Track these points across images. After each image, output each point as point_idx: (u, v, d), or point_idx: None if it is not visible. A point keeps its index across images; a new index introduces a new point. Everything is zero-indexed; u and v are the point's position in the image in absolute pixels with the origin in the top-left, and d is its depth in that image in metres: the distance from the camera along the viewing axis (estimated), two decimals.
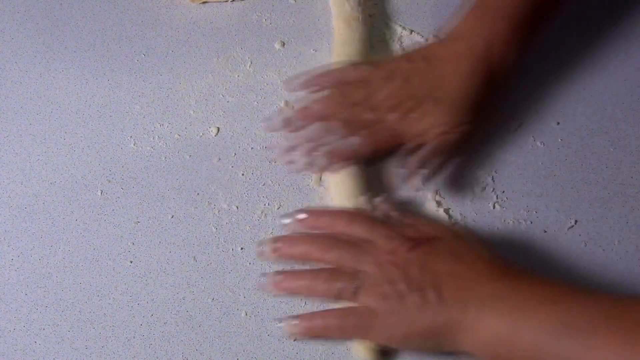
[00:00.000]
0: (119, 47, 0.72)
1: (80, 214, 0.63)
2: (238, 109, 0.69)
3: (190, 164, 0.66)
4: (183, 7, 0.74)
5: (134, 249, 0.62)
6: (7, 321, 0.59)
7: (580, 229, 0.63)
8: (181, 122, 0.68)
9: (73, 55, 0.72)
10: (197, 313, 0.59)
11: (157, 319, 0.59)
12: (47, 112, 0.68)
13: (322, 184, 0.65)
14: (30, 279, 0.61)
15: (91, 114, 0.68)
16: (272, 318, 0.59)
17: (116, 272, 0.61)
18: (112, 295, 0.60)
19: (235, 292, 0.60)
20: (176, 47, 0.72)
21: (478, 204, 0.64)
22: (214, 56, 0.72)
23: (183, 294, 0.60)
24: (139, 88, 0.70)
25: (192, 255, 0.62)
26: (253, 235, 0.62)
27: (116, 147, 0.67)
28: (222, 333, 0.59)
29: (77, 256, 0.62)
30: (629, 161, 0.66)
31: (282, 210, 0.63)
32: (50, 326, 0.59)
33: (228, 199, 0.64)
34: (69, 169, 0.65)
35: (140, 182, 0.65)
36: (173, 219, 0.63)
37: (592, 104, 0.69)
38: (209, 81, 0.70)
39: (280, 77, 0.70)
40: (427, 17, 0.74)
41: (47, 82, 0.70)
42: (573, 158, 0.66)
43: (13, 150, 0.67)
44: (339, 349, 0.58)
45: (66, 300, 0.60)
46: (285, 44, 0.72)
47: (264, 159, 0.66)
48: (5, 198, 0.64)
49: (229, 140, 0.67)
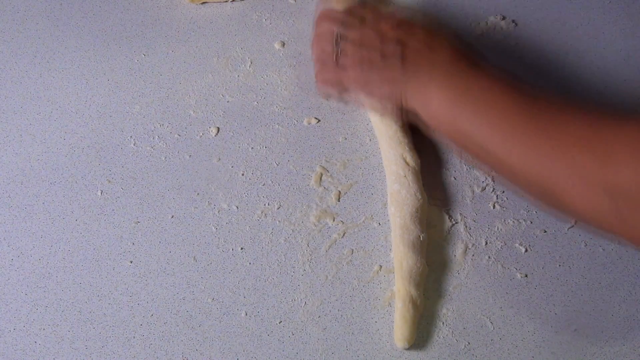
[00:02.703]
0: (119, 47, 0.72)
1: (80, 214, 0.63)
2: (238, 109, 0.69)
3: (190, 164, 0.66)
4: (183, 7, 0.74)
5: (134, 249, 0.62)
6: (7, 321, 0.59)
7: (580, 229, 0.63)
8: (181, 122, 0.68)
9: (73, 55, 0.72)
10: (197, 313, 0.59)
11: (157, 319, 0.59)
12: (47, 112, 0.68)
13: (322, 184, 0.65)
14: (30, 279, 0.61)
15: (91, 114, 0.68)
16: (272, 318, 0.59)
17: (116, 272, 0.61)
18: (112, 295, 0.60)
19: (235, 292, 0.60)
20: (176, 47, 0.72)
21: (478, 204, 0.64)
22: (214, 56, 0.72)
23: (183, 294, 0.60)
24: (139, 88, 0.70)
25: (192, 255, 0.62)
26: (253, 235, 0.63)
27: (116, 147, 0.67)
28: (222, 333, 0.59)
29: (77, 256, 0.62)
30: None
31: (282, 210, 0.64)
32: (50, 326, 0.59)
33: (228, 199, 0.64)
34: (69, 169, 0.66)
35: (140, 182, 0.65)
36: (173, 219, 0.63)
37: (592, 103, 0.69)
38: (209, 81, 0.70)
39: (280, 77, 0.70)
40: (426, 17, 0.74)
41: (47, 82, 0.70)
42: None
43: (13, 150, 0.67)
44: (339, 349, 0.58)
45: (66, 300, 0.60)
46: (285, 44, 0.72)
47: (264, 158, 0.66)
48: (5, 198, 0.64)
49: (229, 140, 0.67)
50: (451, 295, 0.61)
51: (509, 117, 0.55)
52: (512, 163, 0.54)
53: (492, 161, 0.56)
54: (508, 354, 0.58)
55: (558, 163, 0.51)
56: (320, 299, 0.60)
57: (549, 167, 0.52)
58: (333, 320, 0.59)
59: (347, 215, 0.64)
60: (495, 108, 0.56)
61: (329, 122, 0.68)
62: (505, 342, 0.59)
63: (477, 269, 0.62)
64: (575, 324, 0.60)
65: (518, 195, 0.64)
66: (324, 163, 0.66)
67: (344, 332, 0.59)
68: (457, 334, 0.59)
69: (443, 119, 0.58)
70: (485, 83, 0.58)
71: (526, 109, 0.55)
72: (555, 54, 0.72)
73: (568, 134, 0.51)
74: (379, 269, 0.62)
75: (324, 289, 0.61)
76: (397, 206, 0.62)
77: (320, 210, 0.64)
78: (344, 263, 0.62)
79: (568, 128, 0.52)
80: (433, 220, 0.63)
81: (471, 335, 0.59)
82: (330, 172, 0.66)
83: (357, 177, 0.66)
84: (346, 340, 0.59)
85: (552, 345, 0.59)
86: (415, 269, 0.60)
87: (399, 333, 0.58)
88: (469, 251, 0.62)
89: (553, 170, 0.51)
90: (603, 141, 0.49)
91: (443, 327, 0.59)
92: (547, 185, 0.52)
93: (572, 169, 0.50)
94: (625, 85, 0.70)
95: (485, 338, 0.59)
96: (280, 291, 0.60)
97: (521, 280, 0.61)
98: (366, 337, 0.59)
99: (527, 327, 0.60)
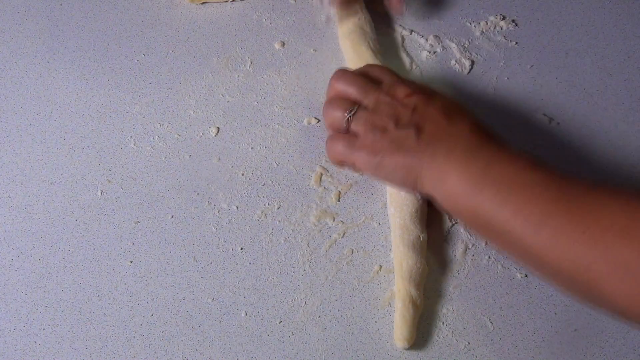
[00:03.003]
0: (119, 47, 0.72)
1: (80, 214, 0.63)
2: (238, 109, 0.69)
3: (190, 164, 0.66)
4: (183, 7, 0.74)
5: (134, 249, 0.62)
6: (7, 321, 0.59)
7: None
8: (181, 122, 0.68)
9: (73, 55, 0.72)
10: (197, 313, 0.59)
11: (157, 319, 0.59)
12: (47, 112, 0.68)
13: (322, 184, 0.65)
14: (30, 279, 0.61)
15: (91, 114, 0.68)
16: (272, 318, 0.59)
17: (116, 272, 0.61)
18: (112, 295, 0.60)
19: (235, 292, 0.60)
20: (176, 47, 0.72)
21: None
22: (214, 56, 0.72)
23: (183, 294, 0.60)
24: (139, 88, 0.70)
25: (192, 255, 0.62)
26: (253, 235, 0.63)
27: (116, 147, 0.67)
28: (222, 333, 0.59)
29: (77, 256, 0.62)
30: (629, 161, 0.66)
31: (282, 210, 0.64)
32: (50, 326, 0.59)
33: (228, 199, 0.64)
34: (69, 169, 0.66)
35: (140, 182, 0.65)
36: (173, 219, 0.63)
37: (592, 104, 0.69)
38: (209, 81, 0.70)
39: (280, 77, 0.70)
40: (427, 17, 0.74)
41: (47, 82, 0.70)
42: (573, 158, 0.66)
43: (13, 150, 0.67)
44: (339, 349, 0.58)
45: (66, 300, 0.60)
46: (285, 44, 0.72)
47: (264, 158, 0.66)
48: (5, 198, 0.64)
49: (229, 140, 0.67)
50: (451, 295, 0.61)
51: (535, 198, 0.50)
52: (539, 249, 0.50)
53: (516, 247, 0.52)
54: (508, 354, 0.58)
55: (592, 250, 0.47)
56: (320, 299, 0.60)
57: (581, 255, 0.47)
58: (333, 320, 0.59)
59: (347, 215, 0.64)
60: (519, 188, 0.51)
61: None
62: (505, 342, 0.59)
63: (477, 269, 0.62)
64: (575, 324, 0.60)
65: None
66: (324, 163, 0.66)
67: (344, 332, 0.59)
68: (457, 334, 0.59)
69: (461, 199, 0.54)
70: (506, 160, 0.54)
71: (553, 189, 0.50)
72: (556, 54, 0.72)
73: (601, 217, 0.47)
74: (379, 269, 0.62)
75: (324, 289, 0.61)
76: (397, 206, 0.62)
77: (320, 210, 0.64)
78: (344, 263, 0.62)
79: (601, 211, 0.48)
80: (433, 220, 0.63)
81: (471, 335, 0.59)
82: (330, 172, 0.66)
83: (357, 177, 0.66)
84: (346, 340, 0.59)
85: (552, 345, 0.59)
86: (415, 269, 0.60)
87: (399, 333, 0.58)
88: (469, 251, 0.62)
89: (586, 258, 0.47)
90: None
91: (443, 327, 0.59)
92: (581, 274, 0.48)
93: (608, 257, 0.46)
94: (625, 85, 0.70)
95: (485, 338, 0.59)
96: (280, 291, 0.60)
97: (521, 280, 0.61)
98: (366, 337, 0.59)
99: (527, 327, 0.60)
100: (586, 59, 0.72)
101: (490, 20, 0.73)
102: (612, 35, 0.73)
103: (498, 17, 0.74)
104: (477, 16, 0.74)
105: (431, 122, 0.57)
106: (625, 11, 0.74)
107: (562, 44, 0.72)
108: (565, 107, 0.69)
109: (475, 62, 0.71)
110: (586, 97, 0.69)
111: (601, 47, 0.72)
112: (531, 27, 0.73)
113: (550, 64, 0.71)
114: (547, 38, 0.73)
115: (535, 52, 0.72)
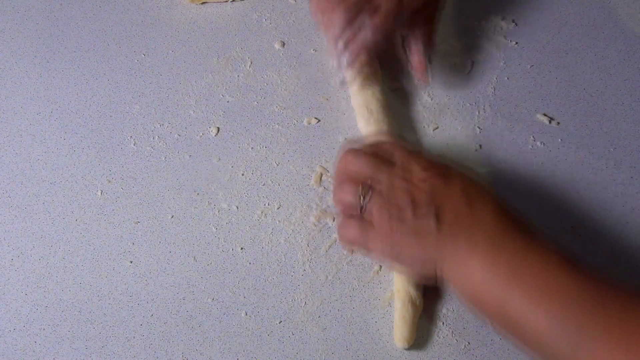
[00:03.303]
0: (119, 47, 0.72)
1: (80, 214, 0.63)
2: (238, 109, 0.69)
3: (190, 164, 0.66)
4: (183, 7, 0.74)
5: (134, 249, 0.62)
6: (7, 321, 0.59)
7: (580, 229, 0.63)
8: (181, 122, 0.68)
9: (73, 55, 0.72)
10: (197, 313, 0.59)
11: (157, 319, 0.59)
12: (47, 112, 0.68)
13: (322, 184, 0.65)
14: (30, 279, 0.61)
15: (91, 114, 0.68)
16: (272, 318, 0.59)
17: (116, 272, 0.61)
18: (112, 295, 0.60)
19: (235, 292, 0.60)
20: (176, 47, 0.72)
21: None
22: (214, 56, 0.72)
23: (183, 294, 0.60)
24: (139, 88, 0.70)
25: (192, 255, 0.62)
26: (253, 235, 0.63)
27: (116, 147, 0.67)
28: (222, 333, 0.59)
29: (77, 256, 0.62)
30: (629, 161, 0.66)
31: (282, 210, 0.64)
32: (50, 326, 0.59)
33: (228, 199, 0.64)
34: (69, 169, 0.66)
35: (140, 182, 0.65)
36: (173, 219, 0.63)
37: (592, 104, 0.69)
38: (209, 81, 0.70)
39: (280, 77, 0.70)
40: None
41: (47, 82, 0.70)
42: (573, 158, 0.66)
43: (13, 150, 0.67)
44: (339, 349, 0.58)
45: (66, 300, 0.60)
46: (285, 44, 0.72)
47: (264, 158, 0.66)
48: (5, 198, 0.64)
49: (229, 140, 0.67)
50: (451, 295, 0.61)
51: (572, 304, 0.47)
52: None
53: (549, 355, 0.48)
54: (508, 354, 0.58)
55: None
56: (320, 299, 0.60)
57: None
58: (333, 320, 0.59)
59: None
60: (554, 292, 0.48)
61: (329, 122, 0.68)
62: (505, 342, 0.59)
63: None
64: None
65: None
66: (324, 163, 0.66)
67: (344, 332, 0.59)
68: (457, 334, 0.59)
69: (487, 299, 0.50)
70: (538, 257, 0.50)
71: (592, 297, 0.47)
72: (556, 54, 0.72)
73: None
74: (379, 269, 0.62)
75: (324, 289, 0.61)
76: None
77: (320, 210, 0.64)
78: (344, 263, 0.62)
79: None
80: None
81: (471, 335, 0.59)
82: (330, 172, 0.66)
83: None
84: (346, 340, 0.59)
85: None
86: None
87: (399, 333, 0.58)
88: None
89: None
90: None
91: (443, 327, 0.59)
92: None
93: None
94: (625, 85, 0.70)
95: (485, 338, 0.59)
96: (280, 291, 0.60)
97: None
98: (366, 337, 0.59)
99: None
100: (586, 59, 0.72)
101: (490, 20, 0.73)
102: (612, 35, 0.73)
103: (498, 17, 0.74)
104: (477, 16, 0.74)
105: (451, 209, 0.53)
106: (625, 11, 0.74)
107: (562, 44, 0.72)
108: (565, 107, 0.69)
109: (475, 62, 0.71)
110: (586, 97, 0.69)
111: (601, 47, 0.72)
112: (531, 27, 0.73)
113: (550, 64, 0.71)
114: (547, 38, 0.73)
115: (535, 52, 0.72)
